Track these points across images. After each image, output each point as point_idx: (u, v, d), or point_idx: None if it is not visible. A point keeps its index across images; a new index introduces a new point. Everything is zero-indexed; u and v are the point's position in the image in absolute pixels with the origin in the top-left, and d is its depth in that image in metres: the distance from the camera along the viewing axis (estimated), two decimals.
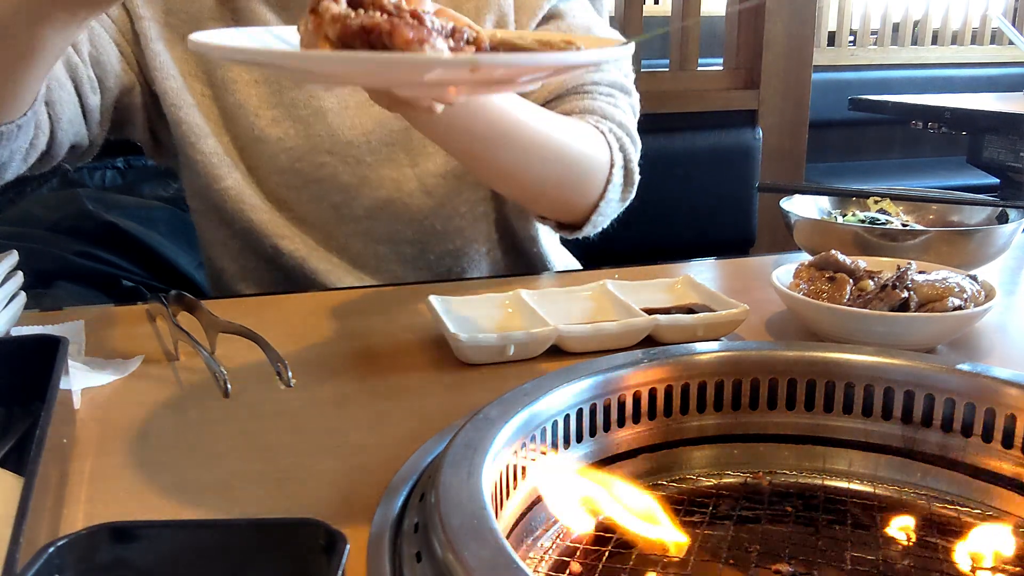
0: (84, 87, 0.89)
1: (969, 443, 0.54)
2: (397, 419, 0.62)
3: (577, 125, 0.93)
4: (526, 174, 0.89)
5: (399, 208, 1.01)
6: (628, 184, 0.97)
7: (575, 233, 0.98)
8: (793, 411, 0.58)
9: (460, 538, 0.38)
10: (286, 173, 0.99)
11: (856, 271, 0.77)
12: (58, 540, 0.35)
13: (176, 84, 0.96)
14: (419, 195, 1.01)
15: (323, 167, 0.99)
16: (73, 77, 0.88)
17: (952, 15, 3.82)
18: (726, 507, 0.54)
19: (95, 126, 0.93)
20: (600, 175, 0.93)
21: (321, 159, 0.99)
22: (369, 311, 0.88)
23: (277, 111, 0.98)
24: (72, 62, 0.88)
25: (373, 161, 1.00)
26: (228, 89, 0.98)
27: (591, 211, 0.95)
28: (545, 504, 0.50)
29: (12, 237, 1.25)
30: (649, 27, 1.21)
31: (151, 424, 0.61)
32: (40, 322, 0.79)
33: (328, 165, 0.99)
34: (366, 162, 1.00)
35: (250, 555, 0.37)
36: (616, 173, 0.94)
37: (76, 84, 0.88)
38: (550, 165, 0.89)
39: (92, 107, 0.91)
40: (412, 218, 1.02)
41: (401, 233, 1.03)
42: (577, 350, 0.73)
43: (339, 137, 0.98)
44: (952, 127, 2.32)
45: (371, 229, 1.02)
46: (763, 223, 1.94)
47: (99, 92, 0.91)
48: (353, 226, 1.02)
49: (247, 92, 0.98)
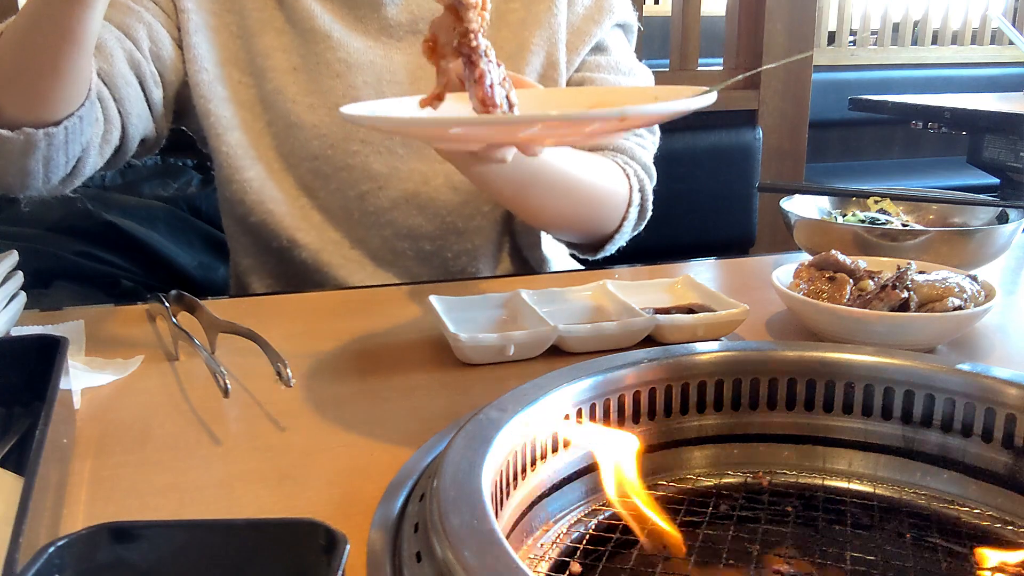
0: (148, 82, 0.93)
1: (969, 443, 0.54)
2: (397, 419, 0.62)
3: (604, 166, 0.99)
4: (555, 212, 0.97)
5: (424, 201, 1.03)
6: (641, 219, 1.05)
7: (585, 255, 1.07)
8: (793, 411, 0.58)
9: (460, 538, 0.38)
10: (318, 159, 1.01)
11: (856, 271, 0.77)
12: (58, 540, 0.35)
13: (207, 76, 0.98)
14: (445, 190, 1.03)
15: (355, 155, 1.01)
16: (137, 73, 0.91)
17: (952, 15, 3.82)
18: (726, 507, 0.54)
19: (160, 119, 0.96)
20: (618, 213, 1.00)
21: (354, 147, 1.01)
22: (369, 311, 0.88)
23: (314, 98, 1.00)
24: (135, 59, 0.91)
25: (405, 153, 1.02)
26: (266, 77, 1.00)
27: (606, 241, 1.03)
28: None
29: (12, 237, 1.25)
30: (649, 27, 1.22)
31: (151, 424, 0.61)
32: (40, 322, 0.79)
33: (360, 154, 1.01)
34: (398, 153, 1.02)
35: (250, 555, 0.37)
36: (632, 211, 1.01)
37: (140, 80, 0.92)
38: (578, 206, 0.97)
39: (156, 100, 0.95)
40: (436, 213, 1.04)
41: (423, 228, 1.04)
42: (577, 350, 0.73)
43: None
44: (952, 127, 2.32)
45: (394, 221, 1.04)
46: (763, 223, 1.94)
47: (160, 86, 0.95)
48: (376, 218, 1.03)
49: (285, 80, 1.00)
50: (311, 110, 1.00)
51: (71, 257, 1.26)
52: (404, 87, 1.02)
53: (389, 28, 1.02)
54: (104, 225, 1.32)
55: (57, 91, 0.76)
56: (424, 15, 1.02)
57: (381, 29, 1.02)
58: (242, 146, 1.00)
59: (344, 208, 1.03)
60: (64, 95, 0.76)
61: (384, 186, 1.02)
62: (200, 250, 1.40)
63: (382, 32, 1.02)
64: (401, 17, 1.02)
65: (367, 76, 1.01)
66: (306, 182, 1.03)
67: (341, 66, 1.00)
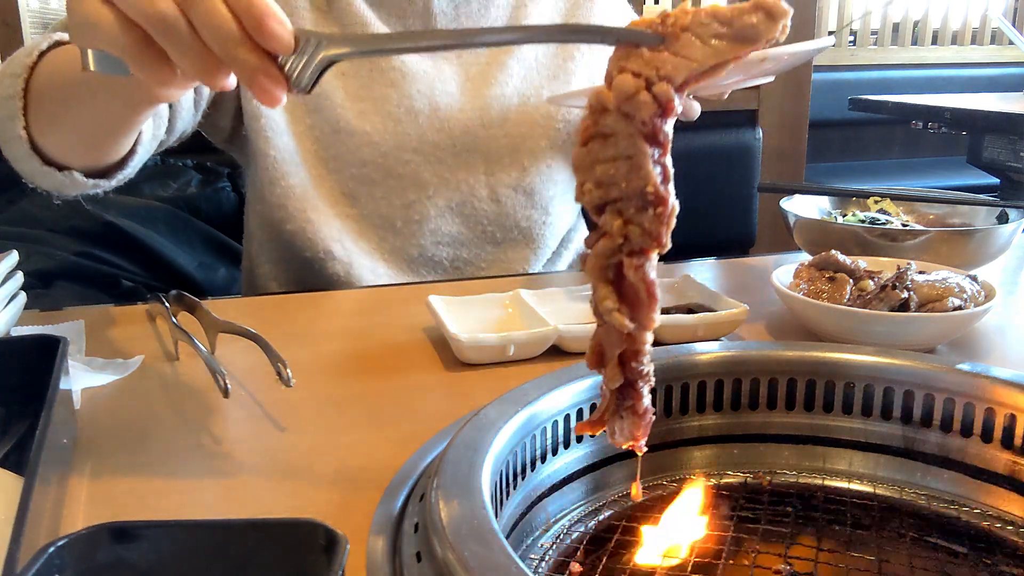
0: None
1: (969, 443, 0.54)
2: (397, 419, 0.62)
3: None
4: None
5: (467, 210, 1.05)
6: None
7: None
8: (793, 411, 0.58)
9: (460, 538, 0.38)
10: (367, 166, 1.01)
11: (856, 271, 0.77)
12: (58, 540, 0.35)
13: None
14: (487, 200, 1.05)
15: (407, 164, 1.02)
16: None
17: (952, 15, 3.82)
18: (726, 507, 0.54)
19: (199, 114, 0.97)
20: None
21: (406, 156, 1.02)
22: (369, 311, 0.88)
23: (365, 104, 1.01)
24: None
25: (454, 164, 1.03)
26: None
27: None
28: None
29: (12, 237, 1.25)
30: None
31: (151, 424, 0.61)
32: (40, 322, 0.79)
33: (412, 163, 1.02)
34: (447, 163, 1.03)
35: (250, 555, 0.37)
36: None
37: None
38: None
39: (203, 96, 0.95)
40: (477, 220, 1.06)
41: (463, 236, 1.06)
42: (577, 350, 0.73)
43: (427, 138, 1.02)
44: (952, 127, 2.32)
45: (436, 230, 1.05)
46: (763, 223, 1.94)
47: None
48: (419, 226, 1.04)
49: (332, 84, 1.00)
50: (362, 116, 1.00)
51: (71, 257, 1.26)
52: (455, 97, 1.03)
53: None
54: (104, 225, 1.32)
55: (110, 150, 0.74)
56: (471, 26, 1.03)
57: None
58: (289, 150, 1.00)
59: (386, 216, 1.03)
60: (118, 149, 0.75)
61: (433, 195, 1.03)
62: (200, 250, 1.40)
63: None
64: (450, 27, 1.03)
65: (420, 85, 1.01)
66: (348, 189, 1.03)
67: (396, 75, 1.01)
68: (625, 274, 0.36)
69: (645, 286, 0.36)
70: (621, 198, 0.36)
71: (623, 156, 0.35)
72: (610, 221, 0.35)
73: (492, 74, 1.05)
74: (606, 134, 0.36)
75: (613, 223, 0.35)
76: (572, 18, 1.12)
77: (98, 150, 0.74)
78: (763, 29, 0.34)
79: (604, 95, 0.36)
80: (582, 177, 0.36)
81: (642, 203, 0.35)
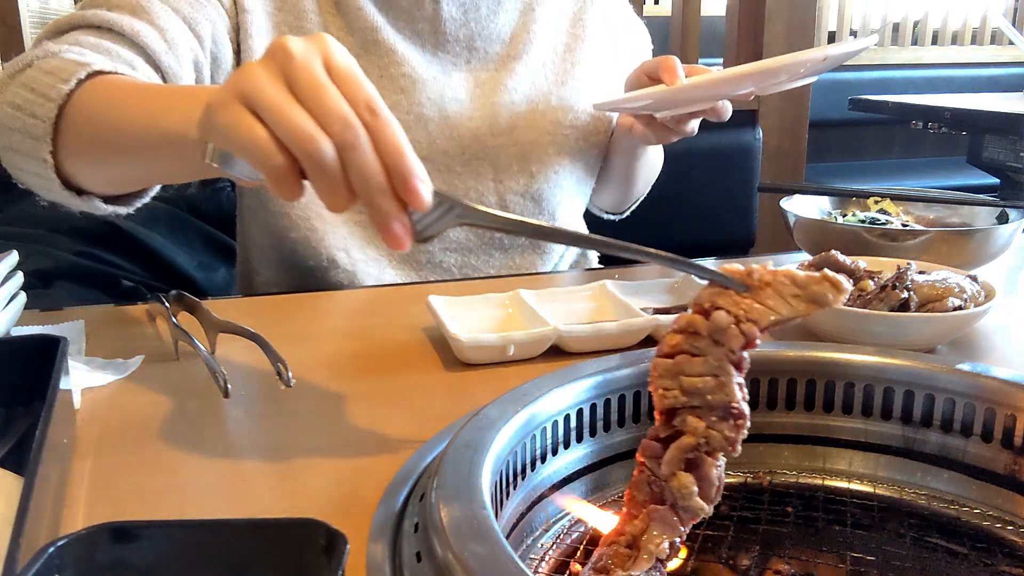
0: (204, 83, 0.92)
1: (969, 443, 0.54)
2: (397, 419, 0.62)
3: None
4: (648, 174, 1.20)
5: None
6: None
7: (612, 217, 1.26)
8: (793, 411, 0.58)
9: (460, 538, 0.38)
10: None
11: (856, 271, 0.77)
12: (58, 540, 0.35)
13: None
14: (496, 207, 1.04)
15: None
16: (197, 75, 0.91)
17: (952, 15, 3.82)
18: (726, 507, 0.54)
19: None
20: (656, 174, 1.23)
21: None
22: (369, 311, 0.88)
23: None
24: (199, 62, 0.90)
25: (462, 171, 1.03)
26: None
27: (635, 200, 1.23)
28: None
29: (12, 237, 1.24)
30: (649, 27, 1.24)
31: (151, 424, 0.61)
32: (40, 322, 0.79)
33: None
34: (455, 171, 1.03)
35: (250, 555, 0.37)
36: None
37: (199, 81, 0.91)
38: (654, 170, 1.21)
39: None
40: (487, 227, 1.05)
41: (471, 242, 1.06)
42: (577, 350, 0.73)
43: (437, 145, 1.01)
44: (952, 127, 2.32)
45: (445, 236, 1.04)
46: (763, 223, 1.94)
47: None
48: None
49: None
50: None
51: (71, 257, 1.26)
52: (465, 104, 1.03)
53: (446, 44, 1.02)
54: (104, 225, 1.31)
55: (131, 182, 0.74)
56: (480, 31, 1.03)
57: (438, 44, 1.02)
58: None
59: None
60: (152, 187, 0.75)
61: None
62: (200, 250, 1.40)
63: (439, 47, 1.02)
64: (459, 33, 1.02)
65: (431, 92, 1.01)
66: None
67: (406, 81, 1.00)
68: (705, 470, 0.43)
69: (719, 482, 0.43)
70: (702, 407, 0.43)
71: (710, 373, 0.43)
72: (694, 424, 0.43)
73: (502, 80, 1.04)
74: (695, 353, 0.44)
75: (697, 425, 0.43)
76: (578, 21, 1.11)
77: (131, 188, 0.74)
78: (831, 298, 0.43)
79: (698, 322, 0.44)
80: (665, 383, 0.44)
81: (724, 414, 0.43)
